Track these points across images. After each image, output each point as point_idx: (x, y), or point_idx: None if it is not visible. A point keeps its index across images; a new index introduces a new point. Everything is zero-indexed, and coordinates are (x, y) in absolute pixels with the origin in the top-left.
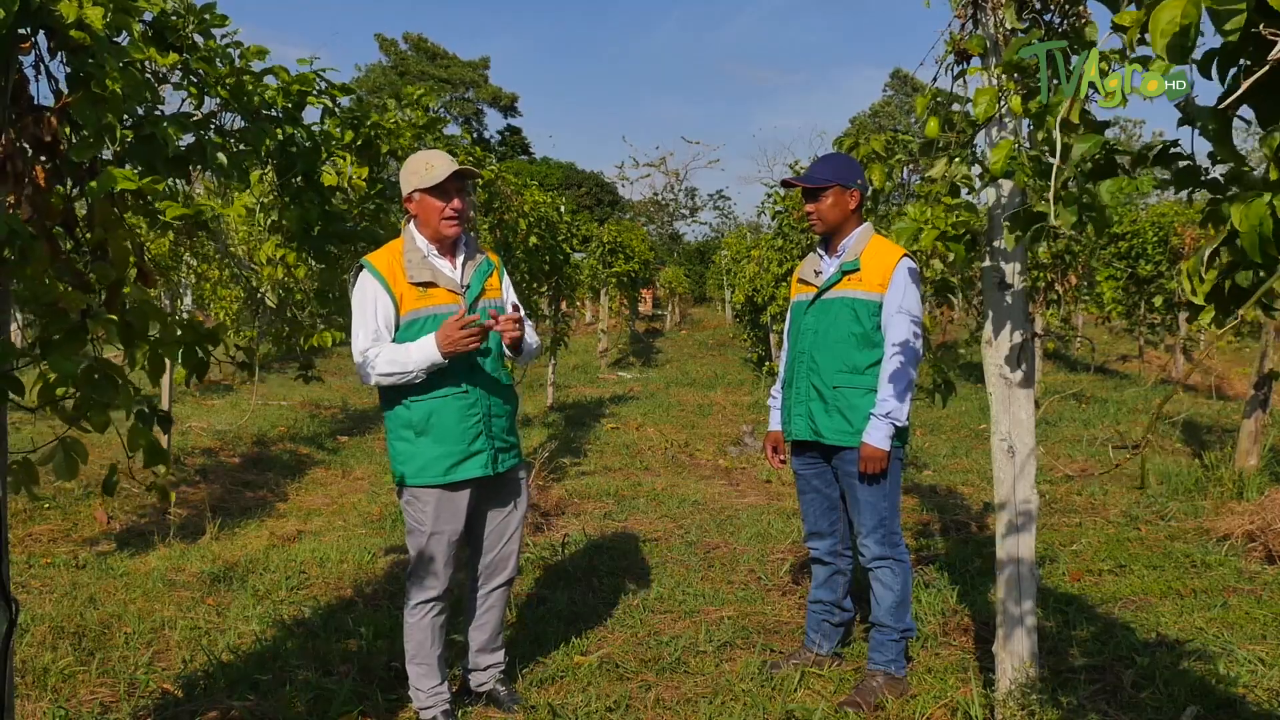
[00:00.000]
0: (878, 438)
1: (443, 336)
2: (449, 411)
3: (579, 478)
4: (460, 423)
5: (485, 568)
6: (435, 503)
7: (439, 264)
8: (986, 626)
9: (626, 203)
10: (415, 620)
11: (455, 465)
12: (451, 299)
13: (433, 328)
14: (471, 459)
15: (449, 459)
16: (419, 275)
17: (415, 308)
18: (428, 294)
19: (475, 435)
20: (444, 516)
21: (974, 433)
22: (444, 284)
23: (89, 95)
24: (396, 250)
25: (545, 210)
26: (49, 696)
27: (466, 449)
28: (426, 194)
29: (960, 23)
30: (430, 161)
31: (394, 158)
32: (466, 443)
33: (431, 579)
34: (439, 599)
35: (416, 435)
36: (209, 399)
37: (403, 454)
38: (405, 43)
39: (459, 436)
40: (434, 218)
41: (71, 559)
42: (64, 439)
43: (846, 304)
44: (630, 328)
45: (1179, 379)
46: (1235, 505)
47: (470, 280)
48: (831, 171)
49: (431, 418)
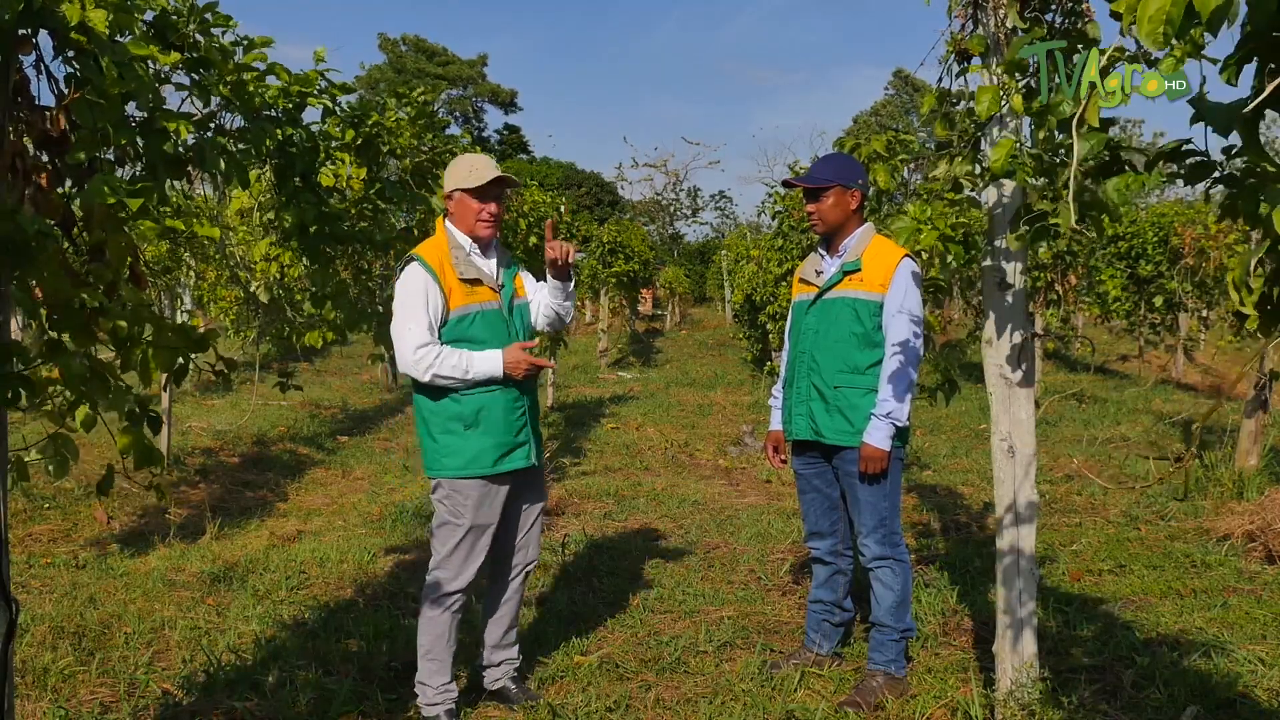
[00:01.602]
0: (878, 438)
1: (511, 359)
2: (498, 405)
3: (579, 478)
4: (507, 415)
5: (511, 554)
6: (478, 495)
7: (481, 262)
8: (986, 626)
9: (626, 203)
10: (436, 614)
11: (503, 456)
12: (493, 296)
13: (480, 323)
14: (517, 450)
15: (497, 450)
16: (467, 272)
17: (464, 303)
18: (474, 291)
19: (520, 427)
20: (484, 509)
21: (974, 433)
22: (487, 282)
23: (85, 98)
24: (442, 246)
25: (545, 210)
26: (49, 696)
27: (513, 440)
28: (467, 194)
29: (960, 22)
30: (475, 165)
31: (393, 157)
32: (513, 434)
33: (462, 573)
34: (463, 593)
35: (465, 428)
36: (209, 399)
37: (449, 447)
38: (404, 44)
39: (506, 429)
40: (470, 218)
41: (71, 559)
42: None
43: (847, 304)
44: (630, 328)
45: (1222, 387)
46: (1235, 505)
47: (504, 280)
48: (833, 172)
49: (482, 411)
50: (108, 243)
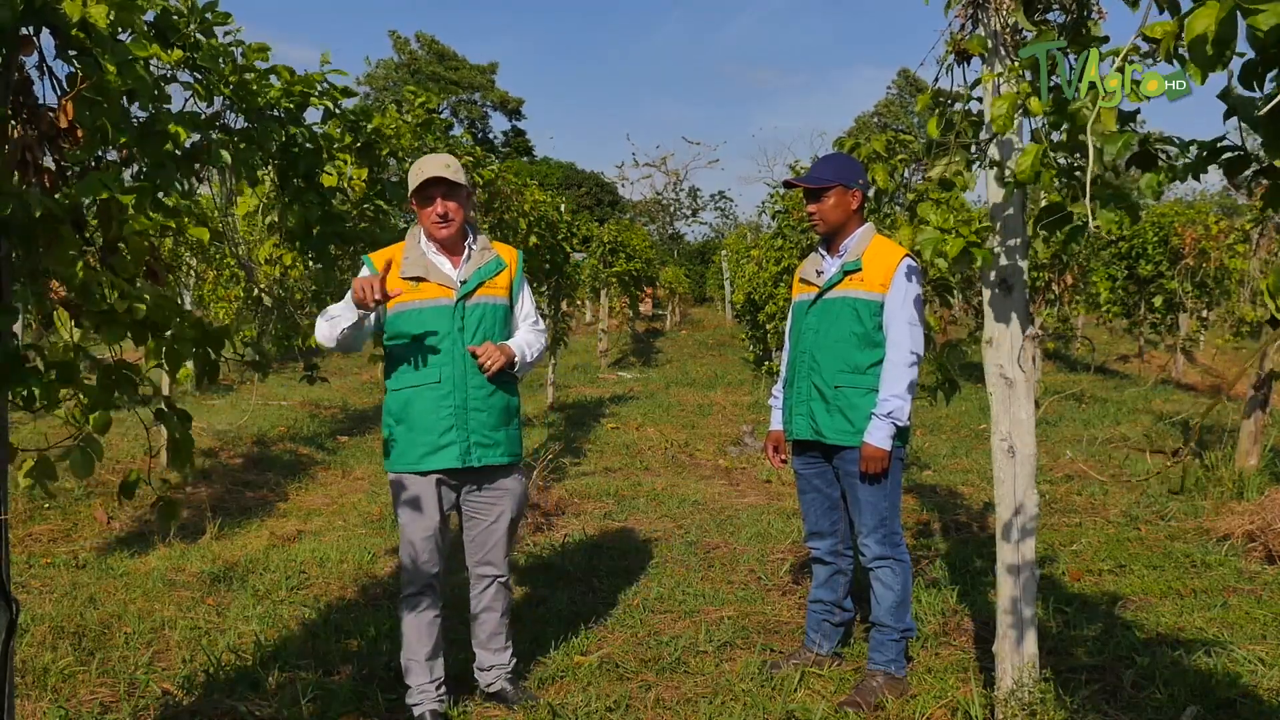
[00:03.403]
0: (879, 437)
1: (356, 284)
2: (423, 401)
3: (579, 478)
4: (433, 413)
5: (472, 567)
6: (406, 491)
7: (437, 260)
8: (986, 626)
9: (626, 202)
10: (404, 615)
11: (427, 454)
12: (442, 293)
13: (420, 319)
14: (443, 450)
15: (422, 447)
16: (410, 270)
17: (402, 301)
18: (418, 288)
19: (447, 427)
20: (413, 505)
21: (974, 433)
22: (436, 279)
23: (85, 98)
24: (398, 247)
25: (545, 210)
26: (49, 696)
27: (437, 440)
28: (413, 197)
29: (960, 22)
30: (421, 167)
31: (394, 159)
32: (438, 433)
33: (410, 572)
34: (421, 594)
35: (396, 423)
36: (209, 399)
37: (386, 442)
38: (417, 42)
39: (430, 426)
40: (424, 220)
41: (71, 559)
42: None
43: (848, 304)
44: (631, 328)
45: (1222, 386)
46: (1235, 505)
47: (468, 276)
48: (833, 172)
49: (408, 406)
50: (127, 238)
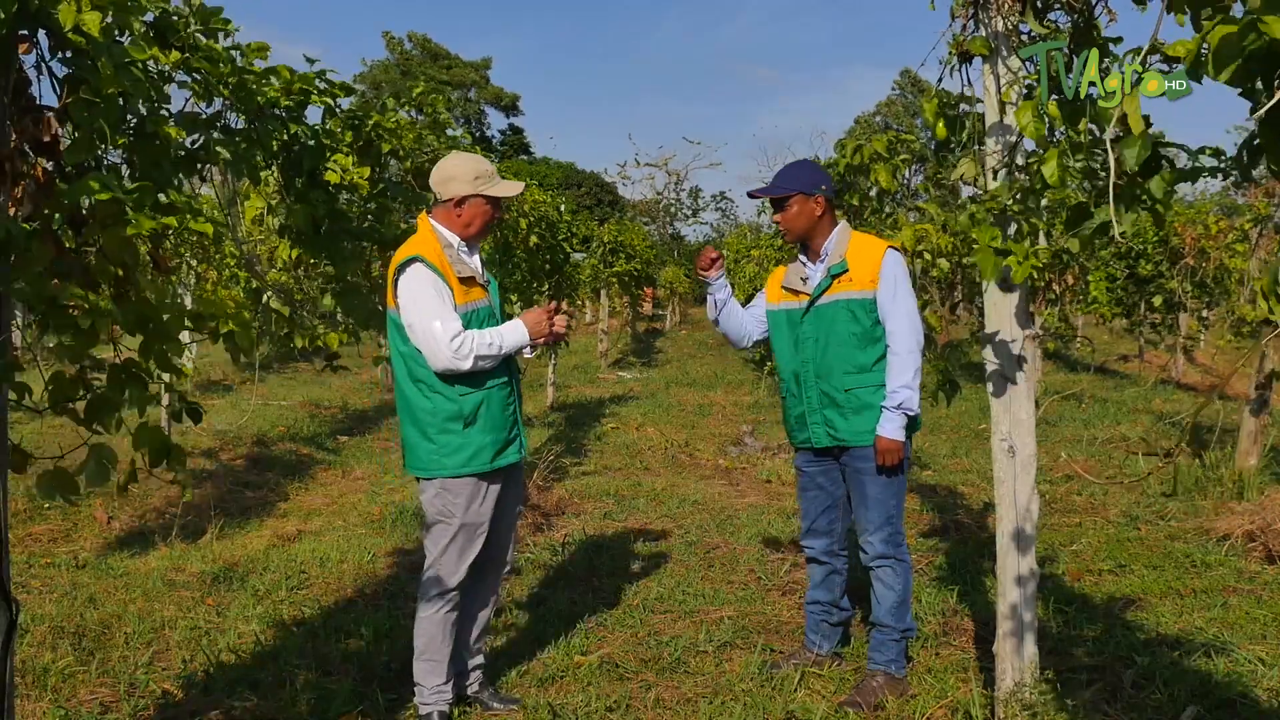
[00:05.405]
0: (891, 429)
1: (532, 321)
2: (495, 401)
3: (579, 478)
4: (503, 411)
5: (489, 559)
6: (470, 492)
7: (470, 261)
8: (986, 626)
9: (626, 202)
10: (431, 614)
11: (499, 452)
12: (484, 295)
13: (474, 323)
14: (510, 445)
15: (495, 446)
16: (463, 271)
17: (464, 302)
18: (470, 290)
19: (513, 423)
20: (476, 506)
21: (974, 433)
22: (479, 280)
23: (82, 99)
24: (433, 245)
25: (545, 210)
26: (49, 696)
27: (507, 436)
28: (485, 200)
29: (962, 23)
30: (493, 173)
31: (395, 157)
32: (508, 430)
33: (455, 573)
34: (456, 592)
35: (465, 426)
36: (209, 399)
37: (448, 446)
38: (410, 41)
39: (502, 424)
40: (479, 221)
41: (71, 559)
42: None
43: (842, 306)
44: (631, 328)
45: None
46: (1235, 505)
47: (489, 277)
48: (791, 181)
49: (481, 408)
50: (105, 237)
